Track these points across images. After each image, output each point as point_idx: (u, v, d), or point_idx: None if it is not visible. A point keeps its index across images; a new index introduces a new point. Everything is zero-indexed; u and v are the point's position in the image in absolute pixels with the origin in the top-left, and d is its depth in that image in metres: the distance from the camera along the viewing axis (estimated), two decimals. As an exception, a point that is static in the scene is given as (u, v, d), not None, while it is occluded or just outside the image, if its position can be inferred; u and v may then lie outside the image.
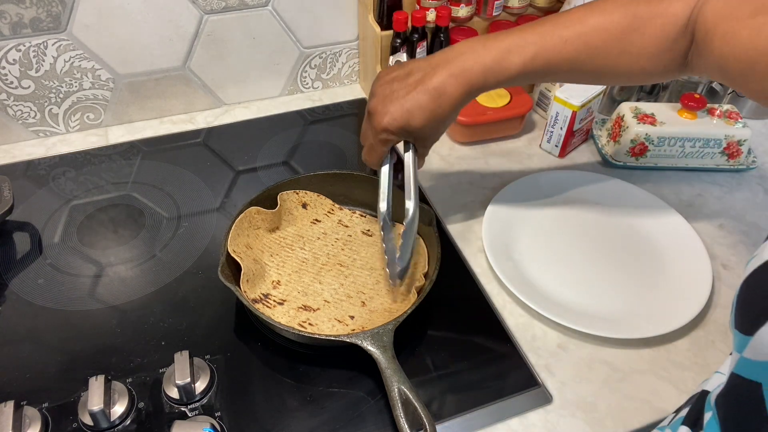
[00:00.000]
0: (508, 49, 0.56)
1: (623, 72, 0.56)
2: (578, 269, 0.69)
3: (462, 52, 0.57)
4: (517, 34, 0.57)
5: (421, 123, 0.57)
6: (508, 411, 0.56)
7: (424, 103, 0.56)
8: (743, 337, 0.34)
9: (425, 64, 0.58)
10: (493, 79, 0.56)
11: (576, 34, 0.55)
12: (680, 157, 0.82)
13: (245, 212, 0.65)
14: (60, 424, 0.53)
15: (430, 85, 0.56)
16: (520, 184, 0.78)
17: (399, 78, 0.58)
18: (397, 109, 0.57)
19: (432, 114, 0.57)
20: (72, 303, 0.64)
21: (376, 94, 0.59)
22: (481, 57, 0.56)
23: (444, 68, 0.56)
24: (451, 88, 0.56)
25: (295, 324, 0.59)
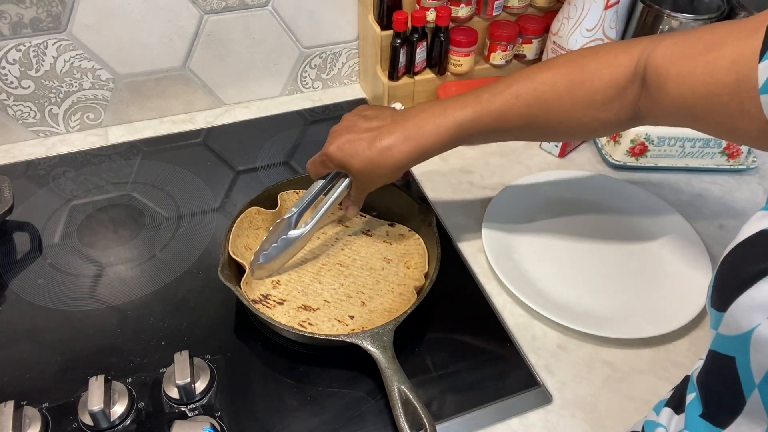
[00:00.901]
0: (463, 106, 0.57)
1: (575, 123, 0.57)
2: (578, 269, 0.69)
3: (419, 113, 0.58)
4: (473, 93, 0.58)
5: (359, 167, 0.58)
6: (508, 411, 0.56)
7: (368, 152, 0.57)
8: (718, 314, 0.36)
9: (389, 118, 0.59)
10: (448, 137, 0.58)
11: (526, 90, 0.56)
12: (680, 157, 0.82)
13: (245, 212, 0.65)
14: (60, 424, 0.53)
15: (383, 139, 0.57)
16: (520, 184, 0.78)
17: (367, 118, 0.60)
18: (345, 144, 0.58)
19: (372, 164, 0.58)
20: (72, 303, 0.64)
21: (343, 120, 0.61)
22: (436, 116, 0.57)
23: (400, 127, 0.57)
24: (398, 150, 0.57)
25: (295, 324, 0.59)
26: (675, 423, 0.42)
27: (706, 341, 0.62)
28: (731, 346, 0.35)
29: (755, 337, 0.32)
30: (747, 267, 0.34)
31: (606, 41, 0.82)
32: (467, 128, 0.57)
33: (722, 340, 0.36)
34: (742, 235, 0.36)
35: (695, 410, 0.39)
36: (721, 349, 0.36)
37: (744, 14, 0.91)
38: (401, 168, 0.59)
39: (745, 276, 0.33)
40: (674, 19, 0.91)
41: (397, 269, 0.66)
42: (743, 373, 0.34)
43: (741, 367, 0.34)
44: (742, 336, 0.33)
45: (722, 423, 0.36)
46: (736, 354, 0.34)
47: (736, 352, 0.34)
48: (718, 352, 0.36)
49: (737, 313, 0.34)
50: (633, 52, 0.53)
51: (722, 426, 0.36)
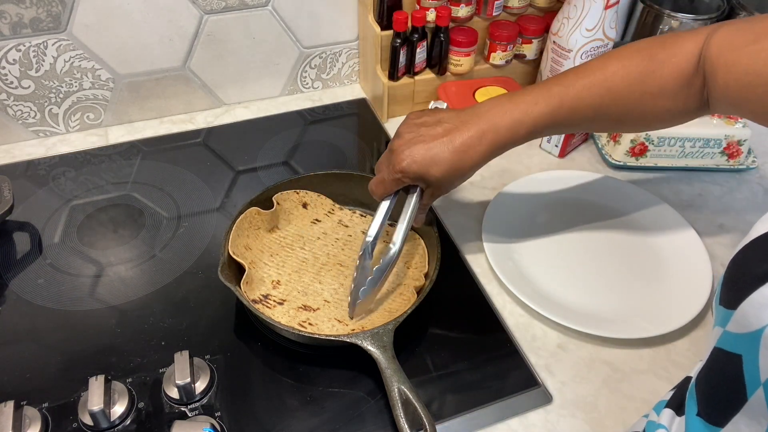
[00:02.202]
0: (535, 101, 0.57)
1: (645, 113, 0.58)
2: (578, 269, 0.69)
3: (490, 108, 0.58)
4: (541, 86, 0.58)
5: (440, 174, 0.57)
6: (508, 411, 0.56)
7: (447, 155, 0.56)
8: (727, 312, 0.36)
9: (456, 118, 0.58)
10: (523, 132, 0.57)
11: (598, 81, 0.56)
12: (680, 157, 0.82)
13: (245, 212, 0.65)
14: (60, 424, 0.53)
15: (458, 140, 0.56)
16: (520, 184, 0.78)
17: (427, 124, 0.59)
18: (419, 155, 0.57)
19: (453, 168, 0.57)
20: (72, 303, 0.64)
21: (402, 134, 0.59)
22: (510, 110, 0.57)
23: (473, 124, 0.57)
24: (477, 145, 0.56)
25: (295, 324, 0.59)
26: (676, 425, 0.42)
27: (706, 341, 0.62)
28: (739, 343, 0.35)
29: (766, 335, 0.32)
30: (759, 265, 0.34)
31: (606, 41, 0.82)
32: (541, 124, 0.57)
33: (730, 337, 0.35)
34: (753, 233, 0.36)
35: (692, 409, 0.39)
36: (727, 346, 0.36)
37: (744, 14, 0.91)
38: (479, 166, 0.58)
39: (758, 274, 0.33)
40: (674, 19, 0.91)
41: (397, 269, 0.66)
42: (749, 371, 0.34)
43: (747, 365, 0.34)
44: (752, 334, 0.33)
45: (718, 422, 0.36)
46: (743, 352, 0.34)
47: (743, 350, 0.34)
48: (723, 349, 0.36)
49: (748, 310, 0.33)
50: (698, 39, 0.54)
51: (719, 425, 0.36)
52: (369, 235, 0.62)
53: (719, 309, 0.37)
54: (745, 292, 0.34)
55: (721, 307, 0.37)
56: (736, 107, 0.54)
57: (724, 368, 0.36)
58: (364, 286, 0.59)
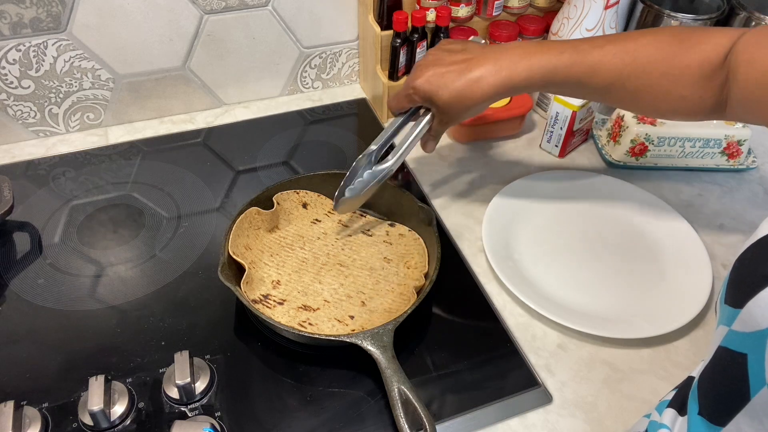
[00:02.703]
0: (561, 50, 0.57)
1: (661, 96, 0.57)
2: (578, 269, 0.69)
3: (514, 48, 0.59)
4: (570, 41, 0.59)
5: (447, 98, 0.59)
6: (508, 411, 0.56)
7: (458, 82, 0.58)
8: (733, 311, 0.35)
9: (478, 51, 0.60)
10: (537, 78, 0.58)
11: (626, 48, 0.56)
12: (680, 157, 0.82)
13: (245, 212, 0.65)
14: (60, 424, 0.53)
15: (473, 69, 0.58)
16: (520, 184, 0.78)
17: (452, 51, 0.61)
18: (434, 76, 0.59)
19: (461, 95, 0.58)
20: (72, 303, 0.64)
21: (428, 55, 0.62)
22: (532, 54, 0.58)
23: (492, 59, 0.58)
24: (487, 82, 0.58)
25: (295, 324, 0.59)
26: (679, 425, 0.42)
27: (706, 341, 0.62)
28: (745, 342, 0.34)
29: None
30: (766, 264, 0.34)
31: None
32: (560, 73, 0.57)
33: (736, 336, 0.35)
34: (760, 232, 0.36)
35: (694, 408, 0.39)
36: (732, 345, 0.36)
37: (744, 14, 0.91)
38: (488, 100, 0.59)
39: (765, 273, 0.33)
40: (674, 19, 0.91)
41: (397, 269, 0.66)
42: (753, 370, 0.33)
43: (752, 365, 0.34)
44: (759, 333, 0.33)
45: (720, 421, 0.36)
46: (749, 351, 0.34)
47: (749, 349, 0.34)
48: (728, 348, 0.36)
49: (755, 310, 0.33)
50: (732, 35, 0.54)
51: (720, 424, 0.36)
52: (373, 143, 0.64)
53: (724, 308, 0.37)
54: (751, 291, 0.33)
55: (727, 306, 0.36)
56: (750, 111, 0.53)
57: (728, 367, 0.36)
58: (352, 185, 0.62)
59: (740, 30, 0.54)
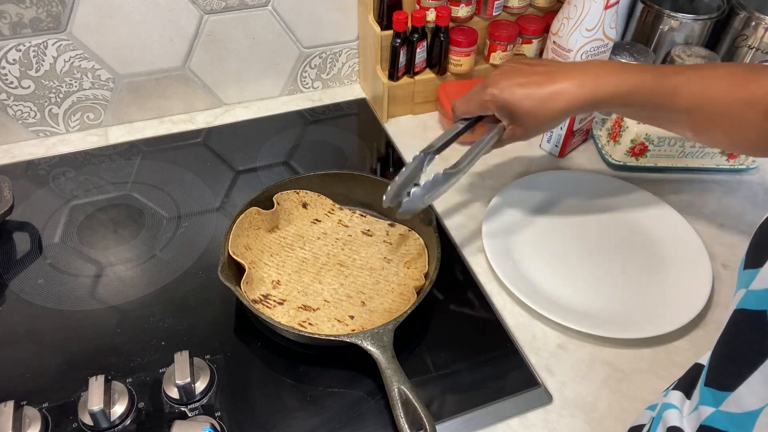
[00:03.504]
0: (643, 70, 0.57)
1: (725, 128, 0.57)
2: (578, 269, 0.69)
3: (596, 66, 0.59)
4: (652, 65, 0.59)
5: (530, 108, 0.58)
6: (508, 411, 0.56)
7: (539, 93, 0.57)
8: (752, 272, 0.36)
9: (560, 64, 0.60)
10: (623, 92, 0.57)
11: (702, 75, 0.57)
12: (680, 157, 0.82)
13: (245, 212, 0.65)
14: (60, 424, 0.53)
15: (555, 83, 0.57)
16: (520, 184, 0.78)
17: (530, 63, 0.61)
18: (513, 85, 0.58)
19: (541, 107, 0.58)
20: (72, 303, 0.64)
21: (503, 68, 0.62)
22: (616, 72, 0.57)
23: (578, 75, 0.57)
24: (570, 95, 0.57)
25: (295, 324, 0.59)
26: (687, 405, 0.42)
27: (706, 341, 0.62)
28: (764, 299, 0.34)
29: None
30: None
31: (606, 41, 0.82)
32: (644, 92, 0.57)
33: (753, 295, 0.35)
34: None
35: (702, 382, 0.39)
36: (750, 305, 0.36)
37: (744, 14, 0.91)
38: (568, 114, 0.59)
39: None
40: (674, 19, 0.91)
41: (397, 269, 0.66)
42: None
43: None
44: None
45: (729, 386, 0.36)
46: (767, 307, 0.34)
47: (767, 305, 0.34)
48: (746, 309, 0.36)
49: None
50: None
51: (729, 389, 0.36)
52: (432, 146, 0.62)
53: (743, 274, 0.37)
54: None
55: (746, 271, 0.37)
56: None
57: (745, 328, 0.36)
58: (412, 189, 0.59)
59: None
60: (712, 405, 0.37)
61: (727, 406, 0.36)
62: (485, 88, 0.61)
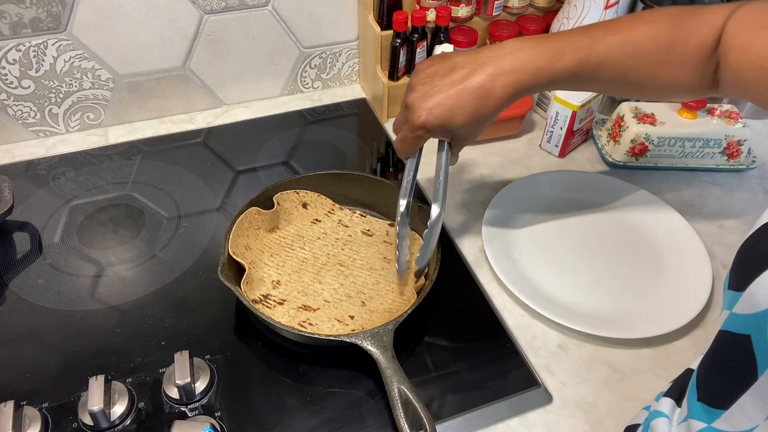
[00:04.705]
0: (562, 50, 0.55)
1: (664, 83, 0.57)
2: (578, 269, 0.69)
3: (513, 51, 0.55)
4: (569, 36, 0.56)
5: (462, 122, 0.55)
6: (508, 411, 0.56)
7: (467, 102, 0.54)
8: (735, 294, 0.35)
9: (471, 61, 0.55)
10: (545, 80, 0.55)
11: (626, 41, 0.55)
12: (680, 157, 0.82)
13: (245, 212, 0.65)
14: (60, 424, 0.53)
15: (476, 83, 0.54)
16: (520, 184, 0.78)
17: (441, 73, 0.56)
18: (438, 106, 0.55)
19: (474, 114, 0.55)
20: (72, 303, 0.64)
21: (415, 88, 0.57)
22: (535, 57, 0.54)
23: (492, 66, 0.54)
24: (498, 88, 0.54)
25: (295, 324, 0.59)
26: (677, 414, 0.42)
27: (706, 341, 0.61)
28: (746, 324, 0.34)
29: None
30: None
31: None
32: (564, 75, 0.55)
33: (737, 319, 0.35)
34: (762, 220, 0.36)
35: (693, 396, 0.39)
36: (734, 328, 0.36)
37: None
38: (501, 109, 0.56)
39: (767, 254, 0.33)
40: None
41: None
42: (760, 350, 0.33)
43: (757, 345, 0.33)
44: (761, 314, 0.33)
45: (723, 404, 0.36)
46: (752, 332, 0.34)
47: (751, 330, 0.34)
48: (730, 331, 0.36)
49: (757, 291, 0.33)
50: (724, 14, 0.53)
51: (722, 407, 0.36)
52: (401, 204, 0.61)
53: (727, 293, 0.37)
54: (753, 273, 0.33)
55: (730, 291, 0.36)
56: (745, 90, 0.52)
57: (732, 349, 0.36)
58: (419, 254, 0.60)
59: (731, 6, 0.53)
60: (704, 420, 0.38)
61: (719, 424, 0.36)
62: (411, 122, 0.56)
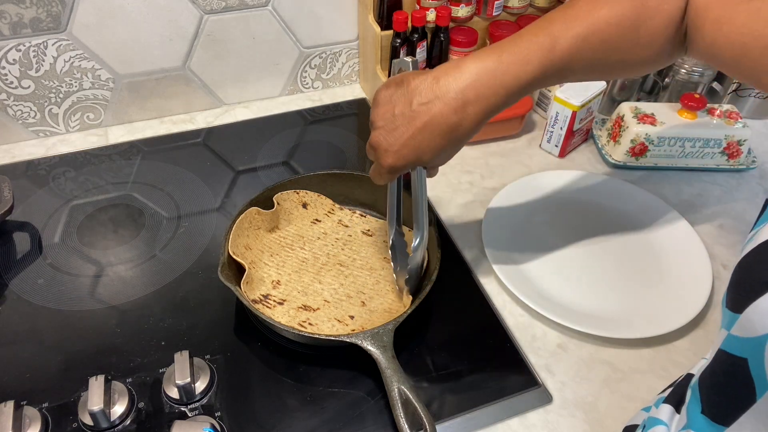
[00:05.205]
0: (526, 60, 0.51)
1: (633, 64, 0.55)
2: (578, 269, 0.69)
3: (475, 74, 0.51)
4: (529, 37, 0.52)
5: (432, 156, 0.53)
6: (508, 411, 0.56)
7: (434, 139, 0.52)
8: (732, 315, 0.35)
9: (430, 90, 0.51)
10: (514, 95, 0.52)
11: (590, 32, 0.52)
12: (680, 157, 0.82)
13: (245, 213, 0.65)
14: (60, 424, 0.53)
15: (442, 119, 0.51)
16: (520, 184, 0.78)
17: (401, 106, 0.52)
18: (404, 148, 0.52)
19: (445, 147, 0.53)
20: (72, 303, 0.64)
21: (376, 124, 0.54)
22: (499, 76, 0.51)
23: (455, 96, 0.50)
24: (466, 119, 0.51)
25: (295, 324, 0.59)
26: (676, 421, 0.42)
27: (706, 341, 0.62)
28: (744, 347, 0.34)
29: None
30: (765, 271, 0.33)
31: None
32: (533, 84, 0.52)
33: (734, 341, 0.35)
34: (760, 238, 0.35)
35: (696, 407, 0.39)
36: (731, 349, 0.35)
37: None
38: (473, 135, 0.54)
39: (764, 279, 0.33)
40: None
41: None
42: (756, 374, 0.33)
43: (754, 369, 0.33)
44: (757, 339, 0.33)
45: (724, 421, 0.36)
46: (748, 356, 0.34)
47: (749, 354, 0.34)
48: (727, 352, 0.36)
49: (753, 316, 0.33)
50: None
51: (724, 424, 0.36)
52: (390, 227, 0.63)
53: (726, 312, 0.37)
54: (750, 297, 0.33)
55: (728, 310, 0.36)
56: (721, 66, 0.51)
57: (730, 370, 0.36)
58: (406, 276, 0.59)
59: None
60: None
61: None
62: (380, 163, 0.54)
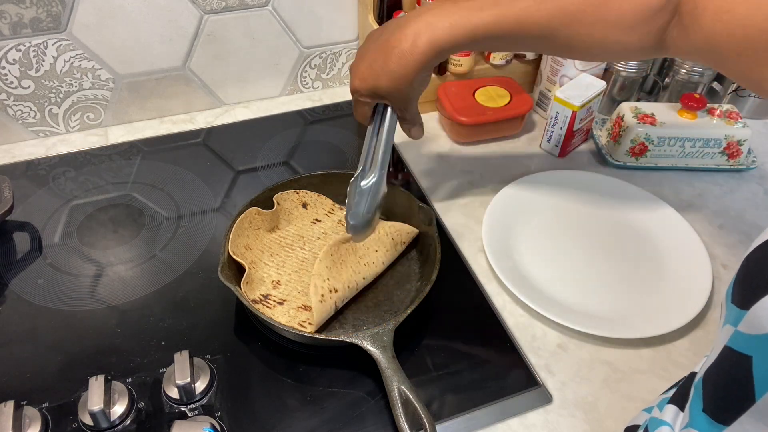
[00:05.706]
0: (480, 7, 0.53)
1: (597, 42, 0.54)
2: (578, 269, 0.69)
3: (431, 9, 0.54)
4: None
5: (387, 84, 0.55)
6: (508, 411, 0.56)
7: (388, 64, 0.54)
8: (739, 311, 0.35)
9: (396, 23, 0.55)
10: (461, 37, 0.53)
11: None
12: (680, 157, 0.82)
13: (245, 212, 0.65)
14: (60, 424, 0.53)
15: (395, 46, 0.54)
16: (520, 184, 0.78)
17: (372, 37, 0.57)
18: (365, 70, 0.56)
19: (396, 75, 0.54)
20: (72, 303, 0.64)
21: (358, 52, 0.59)
22: (449, 14, 0.53)
23: (409, 27, 0.54)
24: (415, 47, 0.53)
25: (295, 324, 0.59)
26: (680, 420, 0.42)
27: (706, 341, 0.62)
28: (750, 345, 0.34)
29: None
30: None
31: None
32: (482, 32, 0.53)
33: (741, 337, 0.35)
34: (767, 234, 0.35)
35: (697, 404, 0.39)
36: (737, 346, 0.35)
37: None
38: (424, 69, 0.55)
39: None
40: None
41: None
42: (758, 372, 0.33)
43: (757, 367, 0.33)
44: (764, 336, 0.32)
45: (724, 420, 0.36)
46: (754, 353, 0.33)
47: (754, 351, 0.33)
48: (733, 349, 0.35)
49: (761, 313, 0.33)
50: None
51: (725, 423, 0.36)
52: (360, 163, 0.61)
53: (731, 307, 0.36)
54: (758, 293, 0.33)
55: (733, 305, 0.36)
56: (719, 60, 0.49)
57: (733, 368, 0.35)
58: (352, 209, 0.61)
59: None
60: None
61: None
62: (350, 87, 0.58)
